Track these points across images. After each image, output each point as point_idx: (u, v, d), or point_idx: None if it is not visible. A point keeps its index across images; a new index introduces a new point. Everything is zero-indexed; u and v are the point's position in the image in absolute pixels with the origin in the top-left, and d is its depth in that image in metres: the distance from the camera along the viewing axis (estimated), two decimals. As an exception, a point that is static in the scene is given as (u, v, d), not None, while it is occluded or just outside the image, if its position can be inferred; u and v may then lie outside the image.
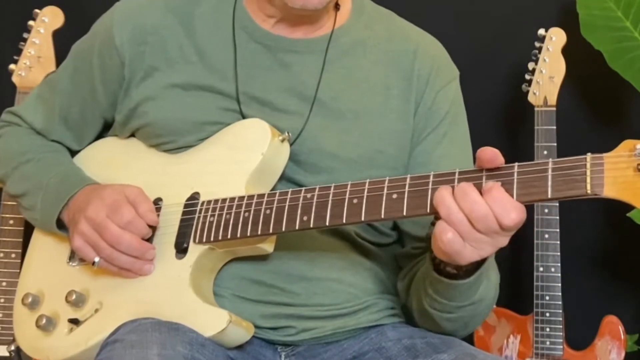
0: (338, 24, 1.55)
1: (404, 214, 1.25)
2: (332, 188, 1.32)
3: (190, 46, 1.52)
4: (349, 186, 1.30)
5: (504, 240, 1.23)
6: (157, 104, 1.51)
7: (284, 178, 1.46)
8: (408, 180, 1.26)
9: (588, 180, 1.13)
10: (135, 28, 1.53)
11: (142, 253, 1.42)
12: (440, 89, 1.54)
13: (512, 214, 1.19)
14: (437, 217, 1.23)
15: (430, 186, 1.23)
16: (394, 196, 1.26)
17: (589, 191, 1.13)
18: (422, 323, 1.47)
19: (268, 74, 1.50)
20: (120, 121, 1.56)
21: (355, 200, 1.29)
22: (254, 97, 1.49)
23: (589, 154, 1.14)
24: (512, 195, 1.19)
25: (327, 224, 1.31)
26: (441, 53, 1.60)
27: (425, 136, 1.53)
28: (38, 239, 1.63)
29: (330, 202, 1.31)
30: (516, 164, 1.19)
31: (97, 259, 1.43)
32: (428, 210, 1.23)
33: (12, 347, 2.00)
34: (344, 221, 1.30)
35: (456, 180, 1.22)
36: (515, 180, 1.18)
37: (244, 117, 1.48)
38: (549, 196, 1.15)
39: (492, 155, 1.20)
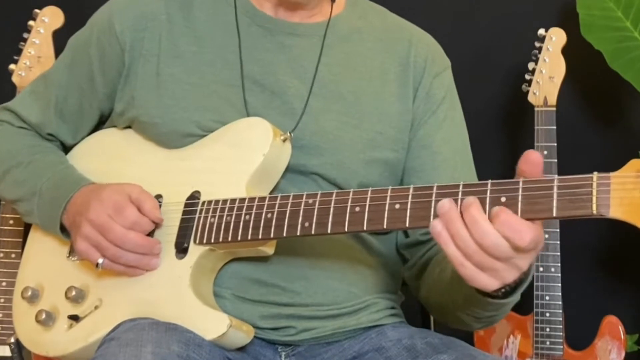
0: (334, 14, 1.57)
1: (407, 225, 1.24)
2: (334, 195, 1.31)
3: (190, 33, 1.53)
4: (350, 194, 1.29)
5: (523, 263, 1.17)
6: (156, 92, 1.51)
7: (287, 165, 1.46)
8: (411, 190, 1.24)
9: (594, 200, 1.10)
10: (135, 15, 1.54)
11: (149, 249, 1.41)
12: (437, 75, 1.57)
13: (525, 235, 1.13)
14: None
15: (433, 198, 1.21)
16: (397, 206, 1.24)
17: (594, 211, 1.10)
18: (442, 318, 1.49)
19: (269, 56, 1.52)
20: (119, 110, 1.56)
21: (357, 209, 1.28)
22: (255, 81, 1.50)
23: (595, 172, 1.11)
24: (516, 211, 1.14)
25: (329, 231, 1.29)
26: (434, 43, 1.64)
27: (426, 120, 1.55)
28: (37, 232, 1.62)
29: (332, 208, 1.30)
30: (521, 179, 1.16)
31: (100, 261, 1.41)
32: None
33: (12, 340, 1.99)
34: (346, 229, 1.28)
35: (460, 193, 1.19)
36: (520, 196, 1.15)
37: (246, 101, 1.48)
38: (554, 215, 1.12)
39: (538, 159, 1.16)
